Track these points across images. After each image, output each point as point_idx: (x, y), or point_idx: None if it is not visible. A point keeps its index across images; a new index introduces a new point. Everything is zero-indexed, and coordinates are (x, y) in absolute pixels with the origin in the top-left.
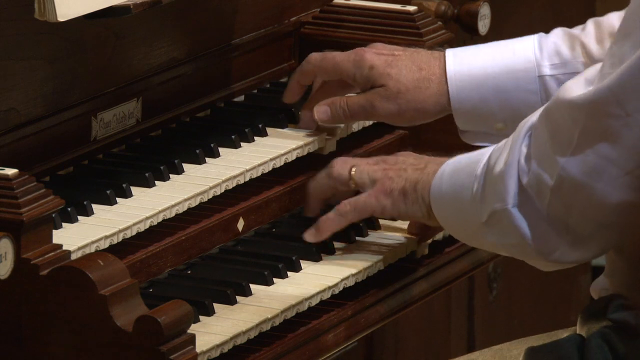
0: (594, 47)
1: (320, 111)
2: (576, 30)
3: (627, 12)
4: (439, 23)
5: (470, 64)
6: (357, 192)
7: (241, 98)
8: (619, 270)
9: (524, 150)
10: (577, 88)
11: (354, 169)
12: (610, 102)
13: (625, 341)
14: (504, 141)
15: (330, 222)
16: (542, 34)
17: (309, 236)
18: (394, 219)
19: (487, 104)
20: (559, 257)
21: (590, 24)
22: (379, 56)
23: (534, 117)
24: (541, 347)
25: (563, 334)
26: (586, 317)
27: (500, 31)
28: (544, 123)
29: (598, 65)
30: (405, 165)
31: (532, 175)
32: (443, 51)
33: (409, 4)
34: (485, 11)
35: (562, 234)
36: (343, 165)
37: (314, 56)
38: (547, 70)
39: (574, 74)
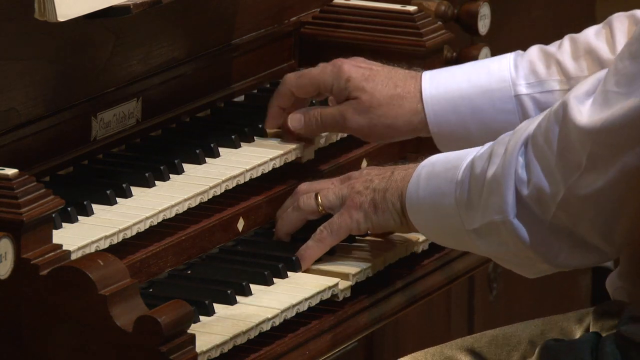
0: (569, 64)
1: (294, 119)
2: (552, 47)
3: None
4: (439, 23)
5: (446, 86)
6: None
7: (241, 98)
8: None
9: (521, 160)
10: (579, 104)
11: (319, 196)
12: (618, 132)
13: (637, 352)
14: (485, 147)
15: (311, 251)
16: (519, 52)
17: (298, 268)
18: (370, 234)
19: (466, 126)
20: (564, 261)
21: (566, 41)
22: (356, 68)
23: (531, 127)
24: (557, 345)
25: (563, 320)
26: (599, 317)
27: (500, 31)
28: (547, 137)
29: (598, 74)
30: (371, 177)
31: (533, 188)
32: (420, 71)
33: (409, 4)
34: (485, 11)
35: (565, 239)
36: (308, 194)
37: (290, 76)
38: (523, 90)
39: (549, 92)
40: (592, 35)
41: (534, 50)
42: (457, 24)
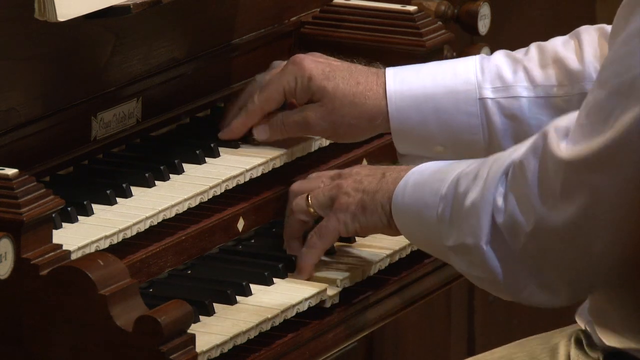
0: (536, 72)
1: (259, 130)
2: (519, 54)
3: (606, 61)
4: (439, 23)
5: (411, 83)
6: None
7: None
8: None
9: (501, 188)
10: (558, 138)
11: (310, 197)
12: (591, 162)
13: None
14: (472, 165)
15: (306, 258)
16: (483, 55)
17: (297, 276)
18: (359, 235)
19: (427, 125)
20: (528, 297)
21: (533, 48)
22: (316, 64)
23: (514, 155)
24: None
25: (558, 335)
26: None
27: (500, 31)
28: (525, 169)
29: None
30: (361, 177)
31: (507, 217)
32: (382, 68)
33: (409, 4)
34: (485, 11)
35: (533, 274)
36: (300, 197)
37: (257, 97)
38: (488, 93)
39: (515, 98)
40: (559, 44)
41: (500, 55)
42: (457, 24)
